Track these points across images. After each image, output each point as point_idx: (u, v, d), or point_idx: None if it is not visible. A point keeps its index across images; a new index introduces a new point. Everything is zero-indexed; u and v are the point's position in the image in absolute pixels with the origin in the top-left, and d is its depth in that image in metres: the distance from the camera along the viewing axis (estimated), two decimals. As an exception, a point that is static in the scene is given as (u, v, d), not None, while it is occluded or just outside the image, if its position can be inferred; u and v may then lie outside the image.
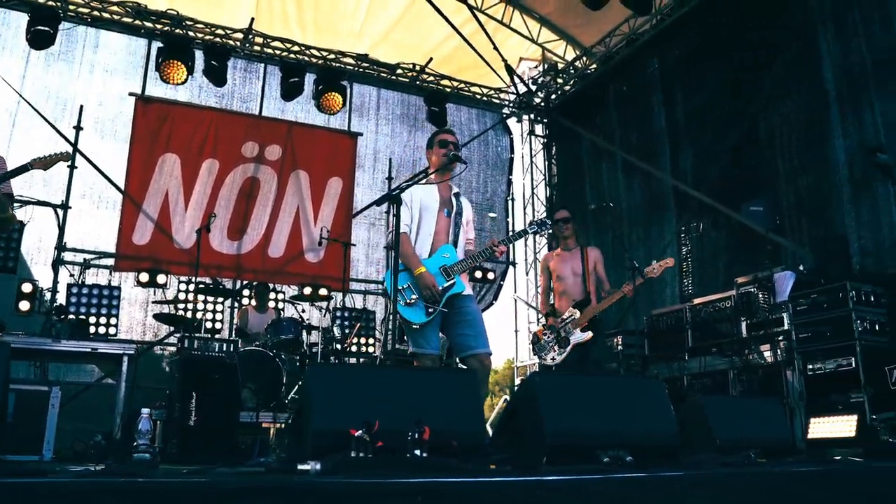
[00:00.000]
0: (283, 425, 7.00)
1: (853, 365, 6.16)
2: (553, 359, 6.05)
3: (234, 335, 8.71)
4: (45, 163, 4.93)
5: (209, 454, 5.51)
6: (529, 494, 2.62)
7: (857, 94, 7.82)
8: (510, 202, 12.72)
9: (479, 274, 11.23)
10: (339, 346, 8.28)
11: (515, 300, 12.69)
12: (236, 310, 9.69)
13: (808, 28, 8.44)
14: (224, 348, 6.71)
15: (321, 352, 7.98)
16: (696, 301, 7.85)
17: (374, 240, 11.43)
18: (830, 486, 3.19)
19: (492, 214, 11.82)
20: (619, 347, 8.41)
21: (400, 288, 4.44)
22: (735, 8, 9.35)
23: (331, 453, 2.73)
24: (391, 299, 4.26)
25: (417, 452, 2.80)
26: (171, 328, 9.58)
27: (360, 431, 2.76)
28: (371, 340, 10.56)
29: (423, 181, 4.85)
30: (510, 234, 5.10)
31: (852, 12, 7.92)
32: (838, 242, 7.16)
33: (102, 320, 9.39)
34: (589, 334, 6.00)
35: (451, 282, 4.50)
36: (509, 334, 12.74)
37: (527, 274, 12.78)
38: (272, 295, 9.67)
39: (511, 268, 12.54)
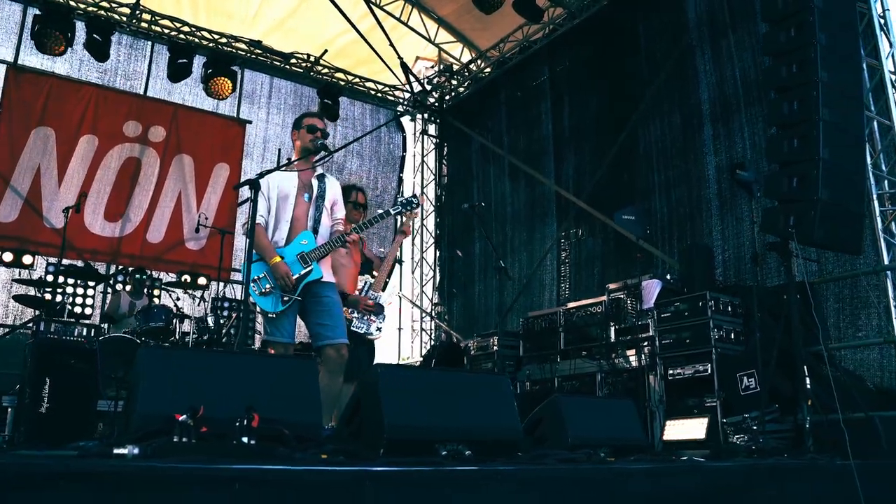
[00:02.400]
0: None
1: (709, 371, 6.41)
2: (379, 328, 5.69)
3: (101, 321, 8.34)
4: None
5: (61, 443, 5.24)
6: (355, 484, 2.59)
7: (729, 115, 8.20)
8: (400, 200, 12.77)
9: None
10: (213, 336, 8.05)
11: (400, 297, 12.68)
12: (109, 295, 9.27)
13: (687, 51, 8.80)
14: (86, 333, 6.40)
15: (194, 341, 7.73)
16: (570, 305, 8.03)
17: (258, 229, 11.15)
18: (654, 480, 3.35)
19: (380, 211, 11.88)
20: (495, 347, 8.49)
21: (256, 277, 4.37)
22: (621, 25, 9.68)
23: (154, 438, 2.62)
24: (249, 289, 4.18)
25: (245, 440, 2.73)
26: (35, 311, 9.13)
27: (185, 416, 2.66)
28: (249, 332, 10.33)
29: (285, 168, 4.74)
30: (366, 219, 4.98)
31: (727, 39, 8.31)
32: (704, 253, 7.44)
33: (-43, 300, 8.86)
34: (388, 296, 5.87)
35: (309, 268, 4.43)
36: (392, 332, 12.74)
37: (413, 272, 12.81)
38: (148, 282, 9.29)
39: (397, 265, 12.55)
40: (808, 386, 5.42)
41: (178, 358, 3.05)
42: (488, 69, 12.01)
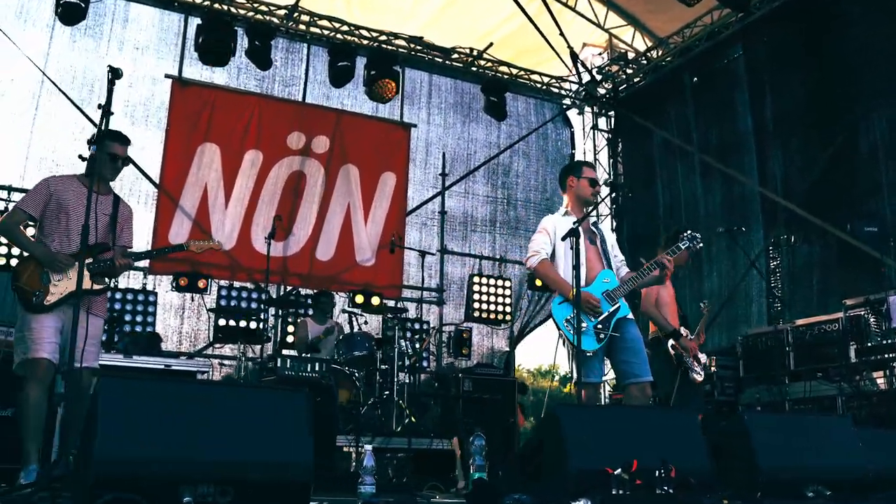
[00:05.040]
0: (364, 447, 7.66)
1: (975, 396, 6.93)
2: (698, 373, 6.72)
3: (301, 350, 9.27)
4: (199, 247, 5.78)
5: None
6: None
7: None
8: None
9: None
10: (410, 362, 8.95)
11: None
12: (294, 319, 10.26)
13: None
14: (319, 368, 7.37)
15: (396, 367, 8.56)
16: (798, 322, 8.58)
17: (426, 242, 11.89)
18: None
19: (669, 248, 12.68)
20: (713, 368, 9.10)
21: (568, 318, 5.17)
22: (830, 5, 10.05)
23: (590, 491, 3.44)
24: (563, 330, 5.05)
25: (665, 489, 3.54)
26: (209, 339, 10.28)
27: (618, 470, 3.48)
28: (424, 354, 11.25)
29: (563, 213, 5.59)
30: (671, 249, 5.72)
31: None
32: (955, 266, 7.91)
33: (138, 328, 9.89)
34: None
35: (616, 306, 5.26)
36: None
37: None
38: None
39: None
40: None
41: (585, 415, 3.90)
42: (669, 57, 12.53)
